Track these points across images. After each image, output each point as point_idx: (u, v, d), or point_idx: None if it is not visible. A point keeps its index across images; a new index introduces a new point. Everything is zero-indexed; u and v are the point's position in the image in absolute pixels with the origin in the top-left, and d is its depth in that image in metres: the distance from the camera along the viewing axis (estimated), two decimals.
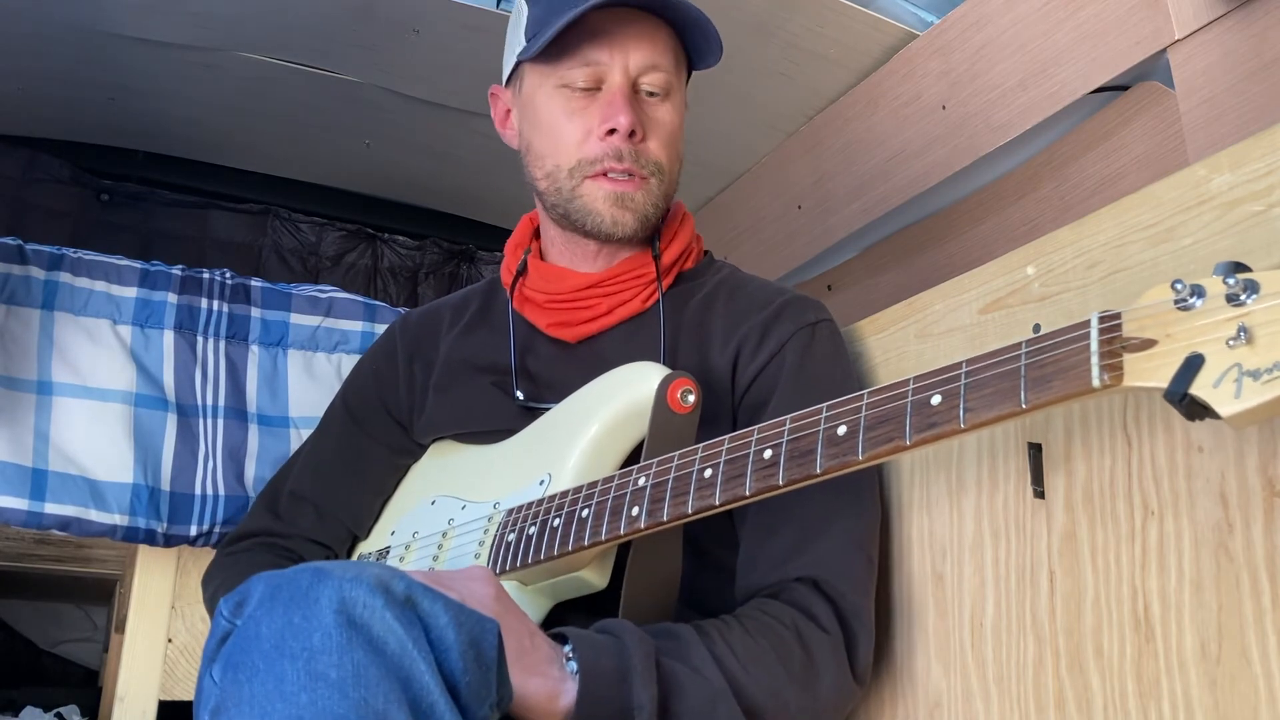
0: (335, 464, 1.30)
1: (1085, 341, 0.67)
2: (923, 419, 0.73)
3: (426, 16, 1.85)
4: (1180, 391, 0.62)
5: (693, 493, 0.85)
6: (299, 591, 0.72)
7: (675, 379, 1.00)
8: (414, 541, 1.16)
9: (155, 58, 2.02)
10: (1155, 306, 0.65)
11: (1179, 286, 0.64)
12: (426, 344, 1.29)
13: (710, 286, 1.21)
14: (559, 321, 1.19)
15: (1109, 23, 1.45)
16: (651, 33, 1.14)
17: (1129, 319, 0.66)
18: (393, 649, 0.70)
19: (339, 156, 2.46)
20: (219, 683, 0.72)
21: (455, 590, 0.81)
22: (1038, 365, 0.69)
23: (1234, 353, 0.61)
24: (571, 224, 1.17)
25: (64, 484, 1.44)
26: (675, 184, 1.19)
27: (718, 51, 1.16)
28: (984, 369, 0.72)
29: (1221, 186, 0.86)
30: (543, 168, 1.17)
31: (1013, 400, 0.69)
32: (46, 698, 2.02)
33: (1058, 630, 0.93)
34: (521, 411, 1.15)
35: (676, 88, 1.17)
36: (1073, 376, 0.67)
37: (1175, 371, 0.63)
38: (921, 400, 0.74)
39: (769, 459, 0.81)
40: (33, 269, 1.51)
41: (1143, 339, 0.65)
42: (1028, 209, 1.70)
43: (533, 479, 1.05)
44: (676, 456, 0.89)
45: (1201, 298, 0.64)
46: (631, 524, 0.89)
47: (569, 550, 0.93)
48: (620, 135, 1.11)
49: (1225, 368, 0.61)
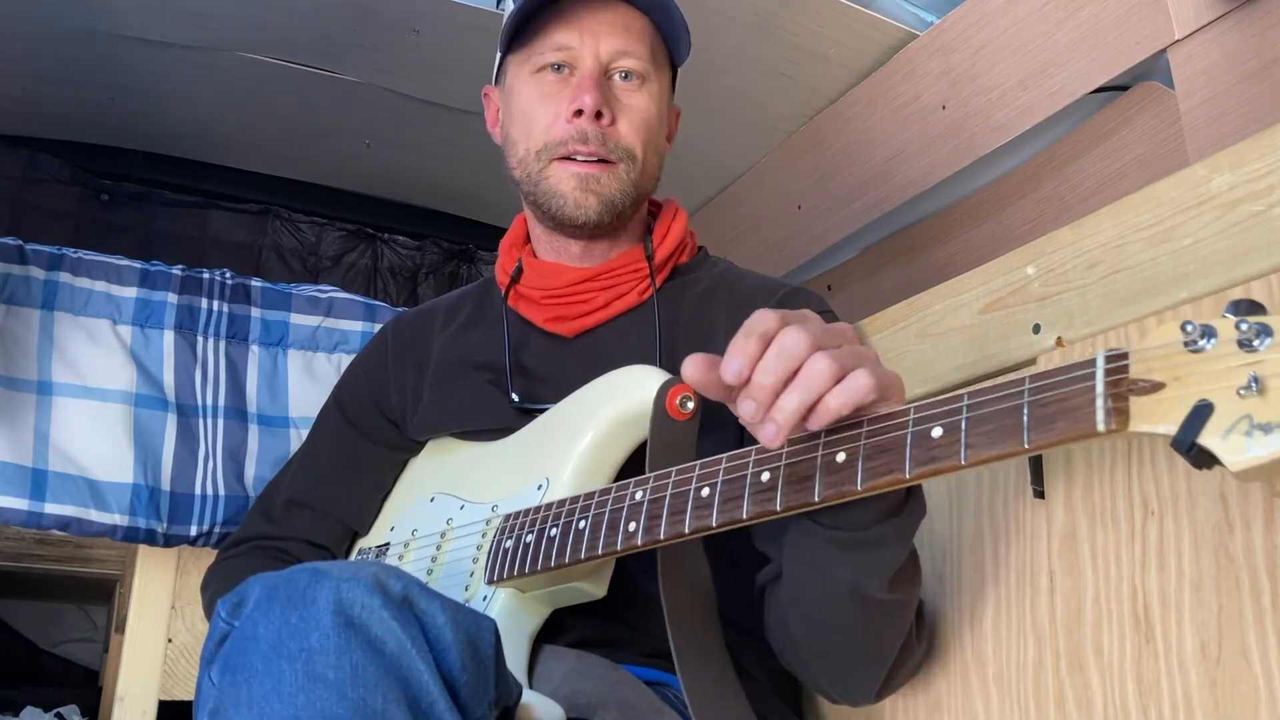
0: (332, 465, 1.29)
1: (1091, 381, 0.65)
2: (924, 451, 0.71)
3: (426, 17, 1.85)
4: (1188, 441, 0.60)
5: (689, 512, 0.84)
6: (296, 592, 0.71)
7: (674, 385, 0.99)
8: (413, 540, 1.16)
9: (155, 58, 2.02)
10: (1164, 347, 0.63)
11: (1189, 328, 0.61)
12: (419, 344, 1.28)
13: (709, 280, 1.21)
14: (555, 316, 1.18)
15: (1109, 23, 1.45)
16: (625, 20, 1.14)
17: (1136, 359, 0.64)
18: (391, 649, 0.70)
19: (339, 156, 2.46)
20: (217, 684, 0.72)
21: None
22: (1041, 404, 0.67)
23: (1244, 402, 0.58)
24: (541, 211, 1.17)
25: (64, 484, 1.44)
26: (652, 177, 1.18)
27: (686, 38, 1.17)
28: (986, 402, 0.70)
29: (1221, 186, 0.86)
30: (515, 154, 1.17)
31: (1015, 439, 0.67)
32: (46, 698, 2.01)
33: (1058, 630, 0.93)
34: (517, 411, 1.15)
35: (653, 77, 1.16)
36: (1078, 418, 0.65)
37: (1184, 419, 0.60)
38: (922, 432, 0.72)
39: (766, 482, 0.79)
40: (33, 269, 1.51)
41: (1151, 381, 0.63)
42: (1028, 209, 1.70)
43: (530, 482, 1.05)
44: (674, 472, 0.87)
45: (1212, 340, 0.61)
46: (628, 540, 0.88)
47: (565, 563, 0.93)
48: (587, 116, 1.11)
49: (1235, 418, 0.58)
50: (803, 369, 0.73)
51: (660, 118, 1.18)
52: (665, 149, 1.22)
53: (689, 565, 0.97)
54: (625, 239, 1.21)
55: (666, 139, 1.23)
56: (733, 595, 1.05)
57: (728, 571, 1.05)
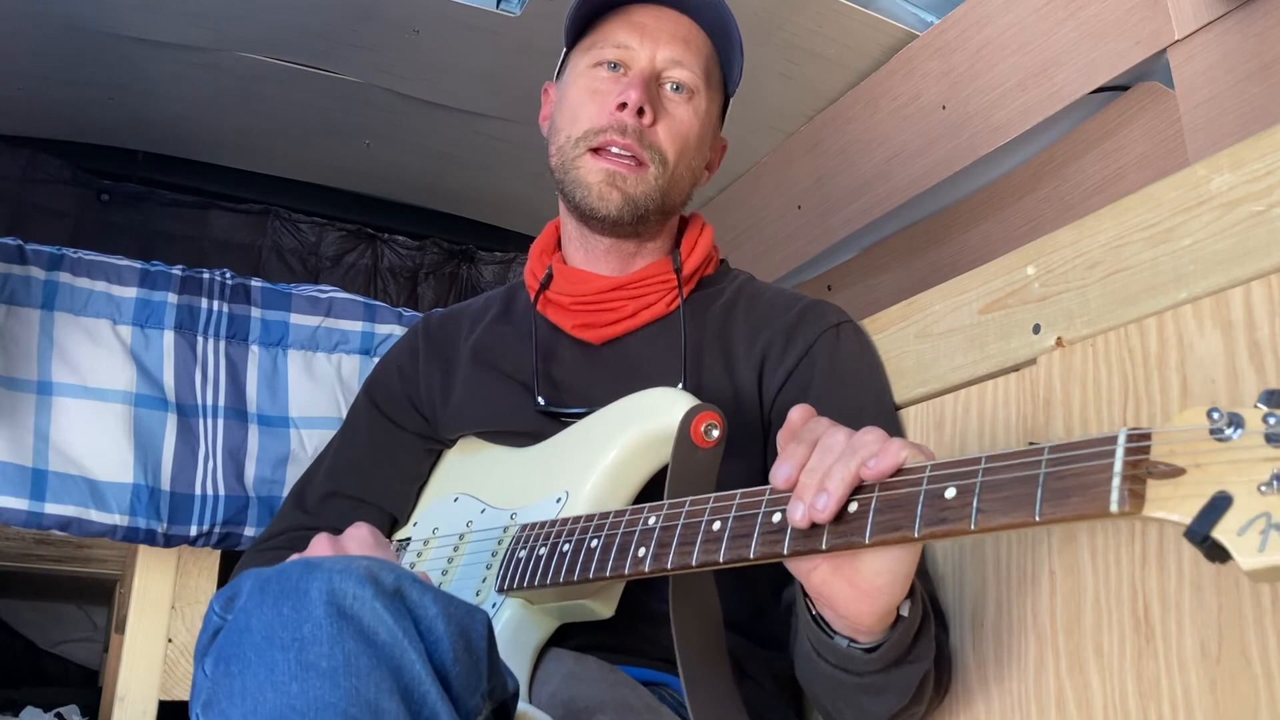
0: (367, 455, 1.30)
1: (1110, 460, 0.63)
2: (934, 511, 0.71)
3: (426, 17, 1.85)
4: (1202, 533, 0.58)
5: (699, 545, 0.84)
6: (289, 584, 0.72)
7: (700, 412, 0.98)
8: (433, 538, 1.16)
9: (155, 58, 2.02)
10: (1188, 432, 0.61)
11: (1216, 415, 0.60)
12: (448, 344, 1.29)
13: (730, 293, 1.22)
14: (584, 323, 1.20)
15: (1109, 23, 1.45)
16: (686, 33, 1.18)
17: (1159, 441, 0.62)
18: (383, 639, 0.70)
19: (339, 156, 2.46)
20: (210, 675, 0.72)
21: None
22: (1057, 476, 0.65)
23: (1264, 500, 0.56)
24: (569, 201, 1.18)
25: (64, 484, 1.44)
26: (682, 191, 1.20)
27: (740, 66, 1.21)
28: (1003, 468, 0.69)
29: (1221, 186, 0.86)
30: (556, 142, 1.19)
31: (1027, 510, 0.66)
32: (46, 698, 2.01)
33: (1058, 630, 0.93)
34: (542, 415, 1.16)
35: (702, 94, 1.18)
36: (1092, 496, 0.63)
37: (1200, 509, 0.59)
38: (935, 491, 0.71)
39: (777, 524, 0.79)
40: (33, 269, 1.51)
41: (1171, 465, 0.61)
42: (1028, 209, 1.70)
43: (550, 494, 1.06)
44: (688, 502, 0.87)
45: (1239, 429, 0.59)
46: (637, 565, 0.87)
47: (574, 580, 0.93)
48: (629, 111, 1.13)
49: (1253, 515, 0.57)
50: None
51: (701, 137, 1.19)
52: (702, 174, 1.23)
53: (700, 597, 0.96)
54: (654, 249, 1.22)
55: (706, 167, 1.24)
56: (741, 603, 1.05)
57: (737, 579, 1.06)
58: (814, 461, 0.77)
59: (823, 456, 0.77)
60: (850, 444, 0.76)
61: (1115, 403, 0.92)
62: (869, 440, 0.76)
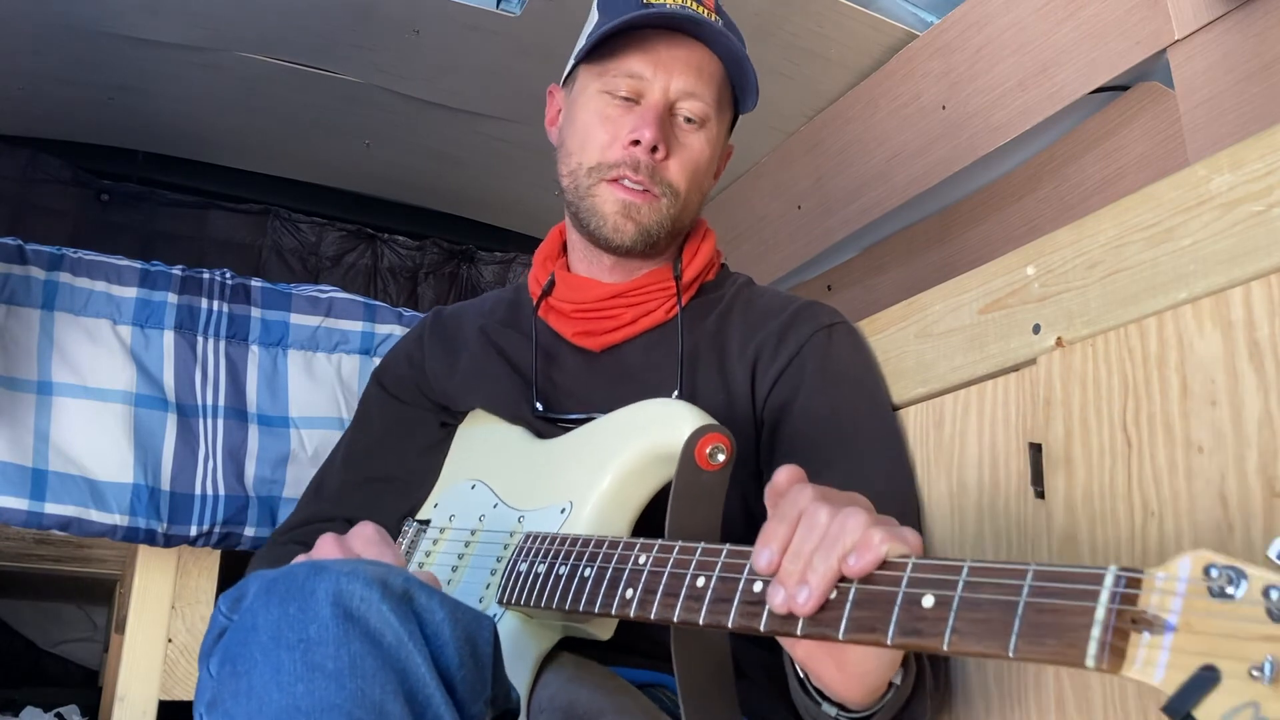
0: (382, 435, 1.31)
1: (1093, 603, 0.58)
2: (909, 619, 0.66)
3: (426, 17, 1.85)
4: (1182, 711, 0.53)
5: (681, 601, 0.81)
6: (295, 585, 0.72)
7: (706, 433, 0.93)
8: (449, 526, 1.17)
9: (155, 58, 2.02)
10: (1186, 584, 0.55)
11: (1214, 573, 0.55)
12: (453, 335, 1.32)
13: (728, 298, 1.23)
14: (584, 330, 1.21)
15: (1109, 23, 1.45)
16: (700, 61, 1.17)
17: (1148, 588, 0.57)
18: (389, 641, 0.70)
19: (339, 156, 2.46)
20: (215, 675, 0.73)
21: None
22: (1037, 608, 0.60)
23: (1254, 686, 0.51)
24: (581, 224, 1.19)
25: (64, 484, 1.44)
26: (692, 212, 1.22)
27: (754, 92, 1.21)
28: (985, 585, 0.64)
29: (1221, 186, 0.86)
30: (568, 164, 1.20)
31: (1001, 641, 0.61)
32: (46, 698, 2.02)
33: None
34: (541, 421, 1.17)
35: (714, 122, 1.19)
36: (1069, 642, 0.58)
37: (1184, 681, 0.53)
38: (914, 596, 0.67)
39: (758, 594, 0.75)
40: (33, 269, 1.51)
41: (1160, 620, 0.55)
42: (1028, 209, 1.70)
43: (555, 503, 1.05)
44: (677, 548, 0.84)
45: (1240, 587, 0.54)
46: (623, 607, 0.85)
47: (565, 610, 0.91)
48: (643, 148, 1.14)
49: (1240, 701, 0.51)
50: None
51: (712, 160, 1.21)
52: (710, 185, 1.25)
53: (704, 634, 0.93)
54: (656, 257, 1.23)
55: (714, 176, 1.26)
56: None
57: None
58: (796, 544, 0.73)
59: (805, 538, 0.73)
60: (831, 530, 0.72)
61: (1115, 403, 0.92)
62: (851, 527, 0.71)
